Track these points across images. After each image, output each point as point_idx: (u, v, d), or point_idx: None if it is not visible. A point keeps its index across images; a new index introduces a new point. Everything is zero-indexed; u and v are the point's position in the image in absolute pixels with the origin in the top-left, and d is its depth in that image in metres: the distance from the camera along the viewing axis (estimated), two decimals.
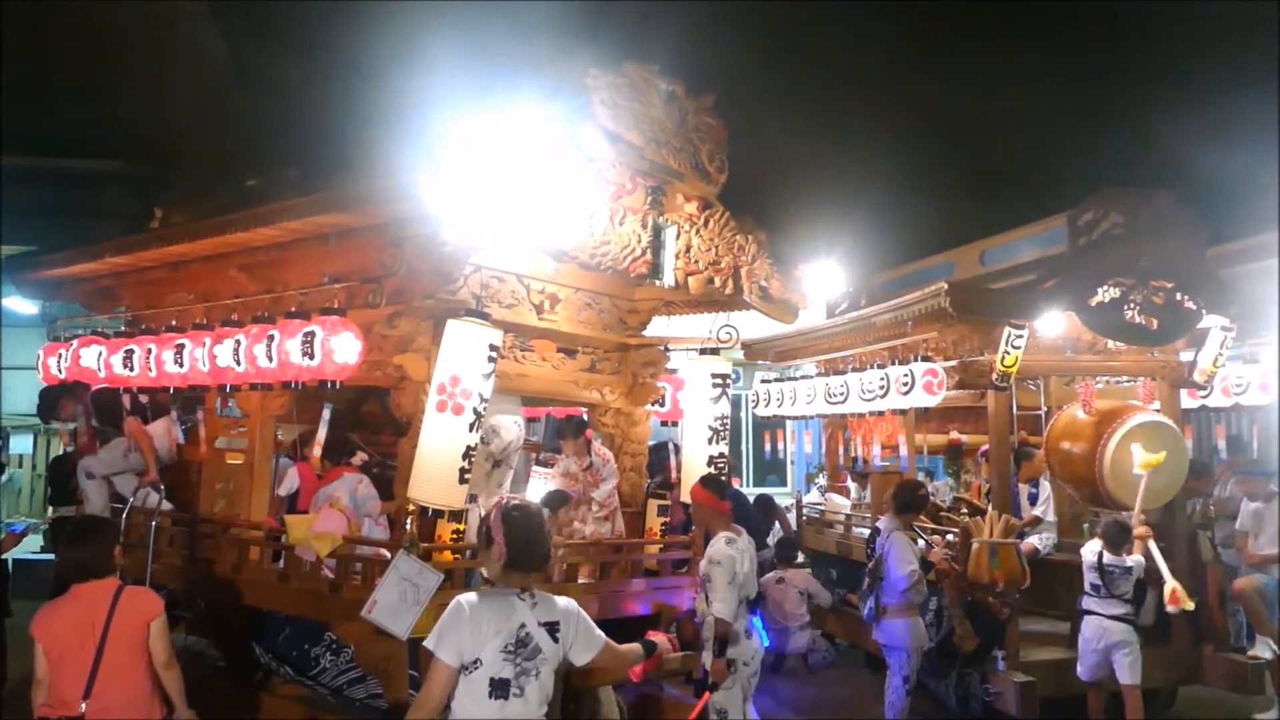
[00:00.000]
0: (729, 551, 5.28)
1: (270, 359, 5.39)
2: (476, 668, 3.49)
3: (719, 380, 6.18)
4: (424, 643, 3.54)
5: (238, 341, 5.60)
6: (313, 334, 5.17)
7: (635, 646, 4.00)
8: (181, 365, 6.09)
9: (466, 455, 4.89)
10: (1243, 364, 8.03)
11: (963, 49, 14.65)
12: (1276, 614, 7.44)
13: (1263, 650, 7.17)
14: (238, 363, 5.61)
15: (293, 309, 5.46)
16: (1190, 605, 6.37)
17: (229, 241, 5.99)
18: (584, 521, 6.37)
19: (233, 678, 6.20)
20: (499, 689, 3.50)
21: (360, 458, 6.28)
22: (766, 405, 9.57)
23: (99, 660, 4.09)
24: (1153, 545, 6.59)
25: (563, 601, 3.70)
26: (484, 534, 3.64)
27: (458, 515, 5.29)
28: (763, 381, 9.85)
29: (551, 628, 3.61)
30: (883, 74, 14.51)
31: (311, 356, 5.17)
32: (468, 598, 3.57)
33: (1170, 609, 6.38)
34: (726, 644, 5.28)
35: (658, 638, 4.15)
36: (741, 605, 5.33)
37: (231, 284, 6.38)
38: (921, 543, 6.86)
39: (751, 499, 10.42)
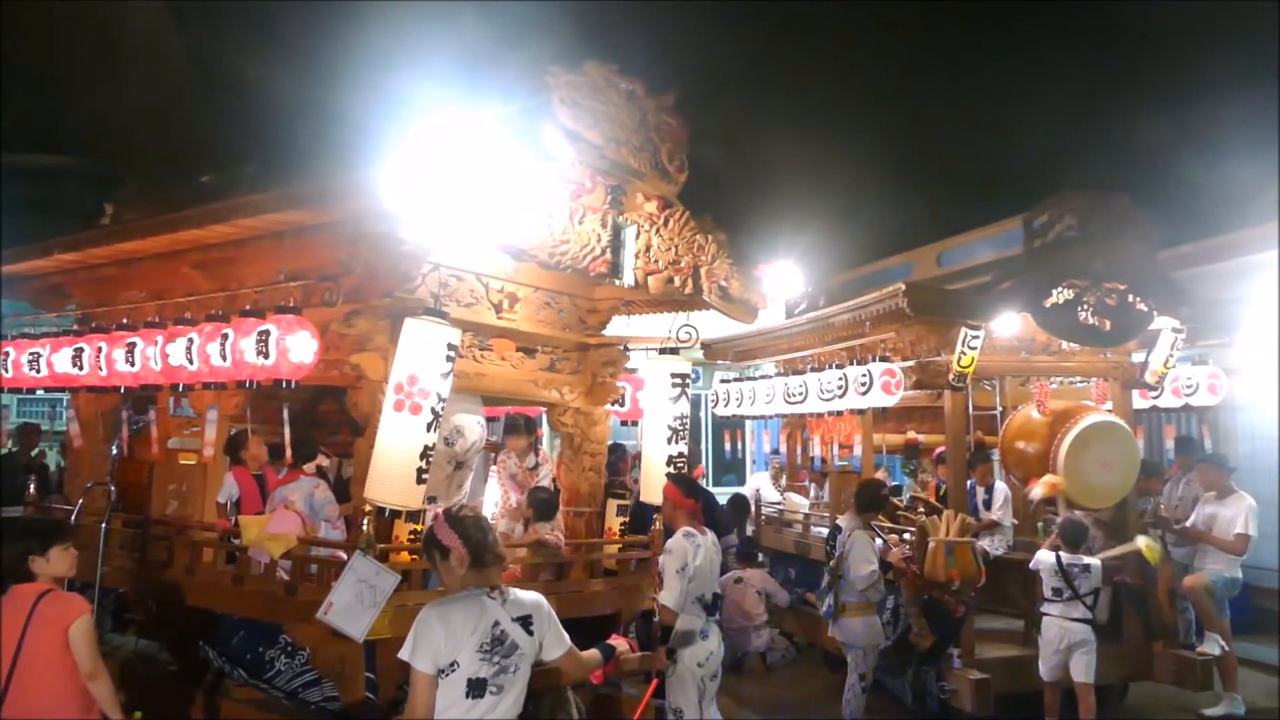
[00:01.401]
0: (683, 544, 5.32)
1: (224, 358, 5.32)
2: (453, 670, 3.50)
3: (678, 380, 6.18)
4: (400, 654, 3.55)
5: (190, 340, 5.52)
6: (268, 333, 5.11)
7: (594, 653, 4.02)
8: (133, 364, 5.99)
9: (424, 455, 4.84)
10: (1191, 365, 8.17)
11: (922, 52, 14.78)
12: (1225, 611, 7.59)
13: (1211, 647, 7.30)
14: (190, 362, 5.53)
15: (247, 307, 5.38)
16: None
17: (182, 238, 5.90)
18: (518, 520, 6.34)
19: (185, 681, 6.11)
20: (475, 689, 3.51)
21: (318, 462, 6.23)
22: (726, 405, 9.60)
23: (14, 664, 4.06)
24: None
25: (529, 595, 3.74)
26: (434, 546, 3.64)
27: (415, 516, 5.25)
28: (722, 381, 9.88)
29: (525, 622, 3.64)
30: (843, 76, 14.59)
31: (266, 355, 5.11)
32: (437, 605, 3.58)
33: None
34: (669, 632, 5.29)
35: (616, 641, 4.16)
36: (696, 604, 5.33)
37: (185, 282, 6.28)
38: (880, 542, 6.90)
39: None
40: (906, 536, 7.19)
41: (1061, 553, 6.60)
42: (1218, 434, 9.58)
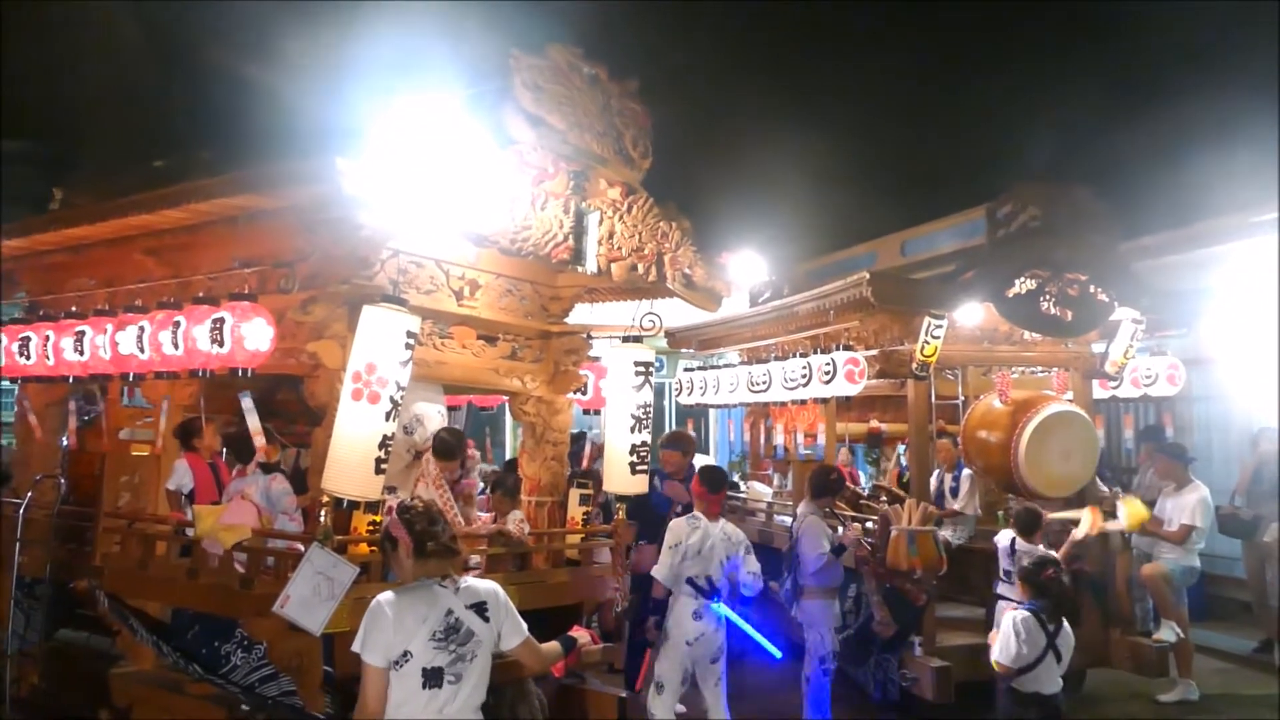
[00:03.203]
0: (681, 524, 5.91)
1: (176, 346, 5.20)
2: (406, 660, 3.47)
3: (642, 368, 6.13)
4: (352, 647, 3.51)
5: (141, 328, 5.40)
6: (222, 320, 5.00)
7: (555, 645, 3.98)
8: (81, 353, 5.84)
9: (383, 445, 4.76)
10: (1150, 356, 8.25)
11: (887, 42, 14.81)
12: (1182, 599, 7.68)
13: (1167, 634, 7.38)
14: (141, 350, 5.41)
15: (201, 294, 5.26)
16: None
17: (133, 224, 5.76)
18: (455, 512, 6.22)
19: (137, 677, 5.98)
20: (432, 679, 3.48)
21: (260, 459, 6.11)
22: (690, 394, 9.56)
23: None
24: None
25: (484, 584, 3.73)
26: (386, 542, 3.67)
27: (374, 507, 5.16)
28: (686, 370, 9.85)
29: (479, 609, 3.62)
30: (807, 65, 14.60)
31: (221, 344, 5.00)
32: (386, 595, 3.55)
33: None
34: (659, 605, 5.87)
35: (578, 632, 4.12)
36: (689, 585, 5.77)
37: (136, 269, 6.14)
38: (841, 529, 6.92)
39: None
40: (869, 524, 7.20)
41: (1017, 540, 6.66)
42: (1174, 424, 9.69)
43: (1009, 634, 5.13)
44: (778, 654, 6.34)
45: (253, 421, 5.91)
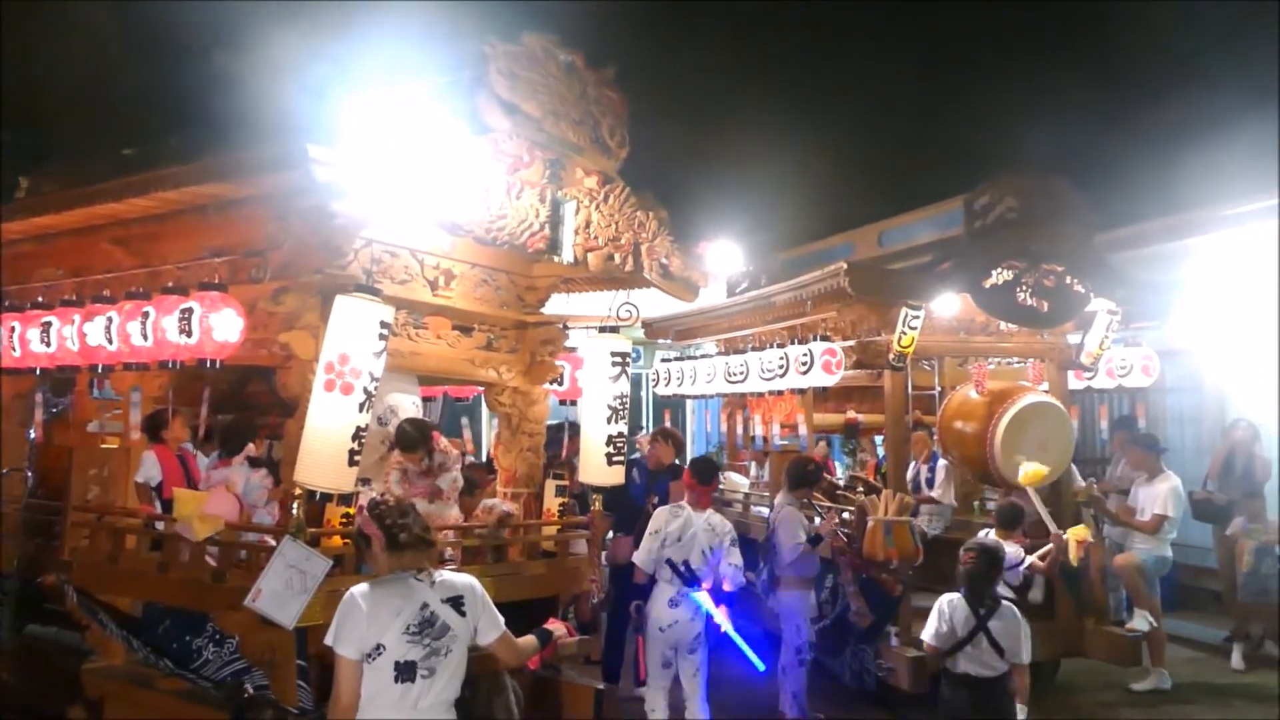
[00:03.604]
0: (663, 511, 6.16)
1: (145, 337, 5.12)
2: (379, 653, 3.44)
3: (619, 359, 6.09)
4: (325, 639, 3.49)
5: (110, 319, 5.32)
6: (191, 310, 4.92)
7: (531, 639, 3.96)
8: (49, 344, 5.74)
9: (356, 437, 4.70)
10: (1125, 347, 8.29)
11: (866, 33, 14.81)
12: (1154, 589, 7.73)
13: (1140, 624, 7.43)
14: (110, 341, 5.32)
15: (170, 284, 5.18)
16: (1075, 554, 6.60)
17: (100, 213, 5.66)
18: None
19: (107, 673, 5.91)
20: (405, 672, 3.46)
21: (249, 452, 6.05)
22: (667, 384, 9.54)
23: None
24: (1034, 495, 6.78)
25: (461, 578, 3.71)
26: (360, 541, 3.67)
27: (348, 499, 5.10)
28: (663, 360, 9.83)
29: (456, 603, 3.60)
30: (786, 56, 14.58)
31: (190, 334, 4.92)
32: (360, 587, 3.54)
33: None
34: (641, 590, 6.16)
35: (554, 625, 4.10)
36: (667, 566, 5.94)
37: (104, 258, 6.03)
38: (818, 519, 6.93)
39: None
40: (846, 516, 7.21)
41: (994, 534, 6.66)
42: (1148, 415, 9.75)
43: (933, 613, 5.21)
44: (761, 665, 6.37)
45: (203, 413, 5.86)
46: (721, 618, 5.98)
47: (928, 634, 5.21)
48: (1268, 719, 7.06)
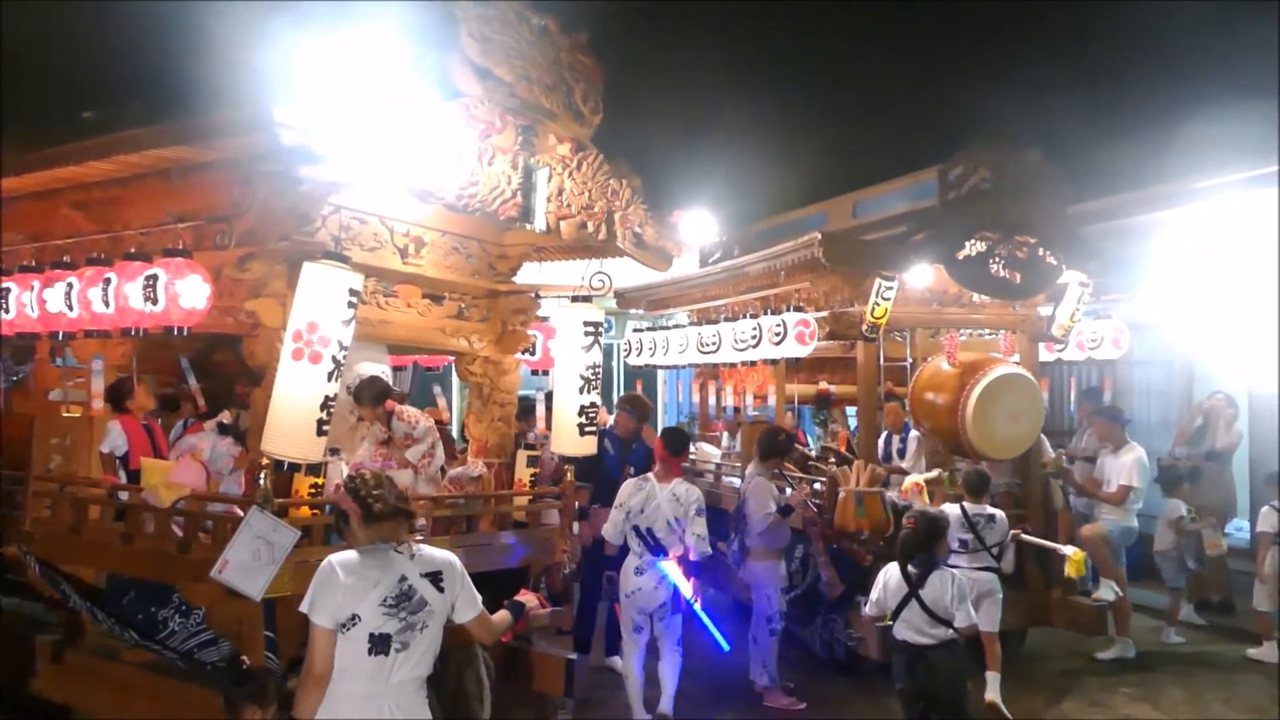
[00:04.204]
0: (629, 484, 6.24)
1: (107, 304, 5.01)
2: (354, 624, 3.41)
3: (591, 328, 6.04)
4: (300, 607, 3.45)
5: (70, 285, 5.20)
6: (155, 277, 4.81)
7: (504, 614, 3.94)
8: (7, 311, 5.61)
9: (325, 406, 4.62)
10: (1095, 320, 8.34)
11: (840, 2, 14.71)
12: (1120, 559, 7.82)
13: (1106, 593, 7.50)
14: (70, 308, 5.20)
15: (132, 250, 5.06)
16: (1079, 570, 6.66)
17: (59, 176, 5.52)
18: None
19: (72, 645, 5.84)
20: (379, 645, 3.42)
21: (222, 418, 5.97)
22: (639, 354, 9.50)
23: None
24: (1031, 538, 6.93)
25: (441, 553, 3.68)
26: (339, 519, 3.64)
27: (316, 469, 5.03)
28: (635, 331, 9.78)
29: (434, 578, 3.57)
30: (760, 25, 14.46)
31: (154, 301, 4.82)
32: (338, 556, 3.52)
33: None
34: (614, 561, 6.35)
35: (525, 596, 4.07)
36: (632, 538, 6.08)
37: (64, 223, 5.90)
38: (790, 490, 6.94)
39: None
40: (817, 486, 7.22)
41: (965, 503, 6.69)
42: (1116, 387, 9.83)
43: (875, 583, 5.36)
44: (725, 645, 6.45)
45: (191, 382, 5.76)
46: (686, 588, 6.01)
47: (867, 604, 5.38)
48: (1228, 686, 7.18)
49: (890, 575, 5.26)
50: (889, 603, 5.21)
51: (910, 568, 5.18)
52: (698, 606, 6.22)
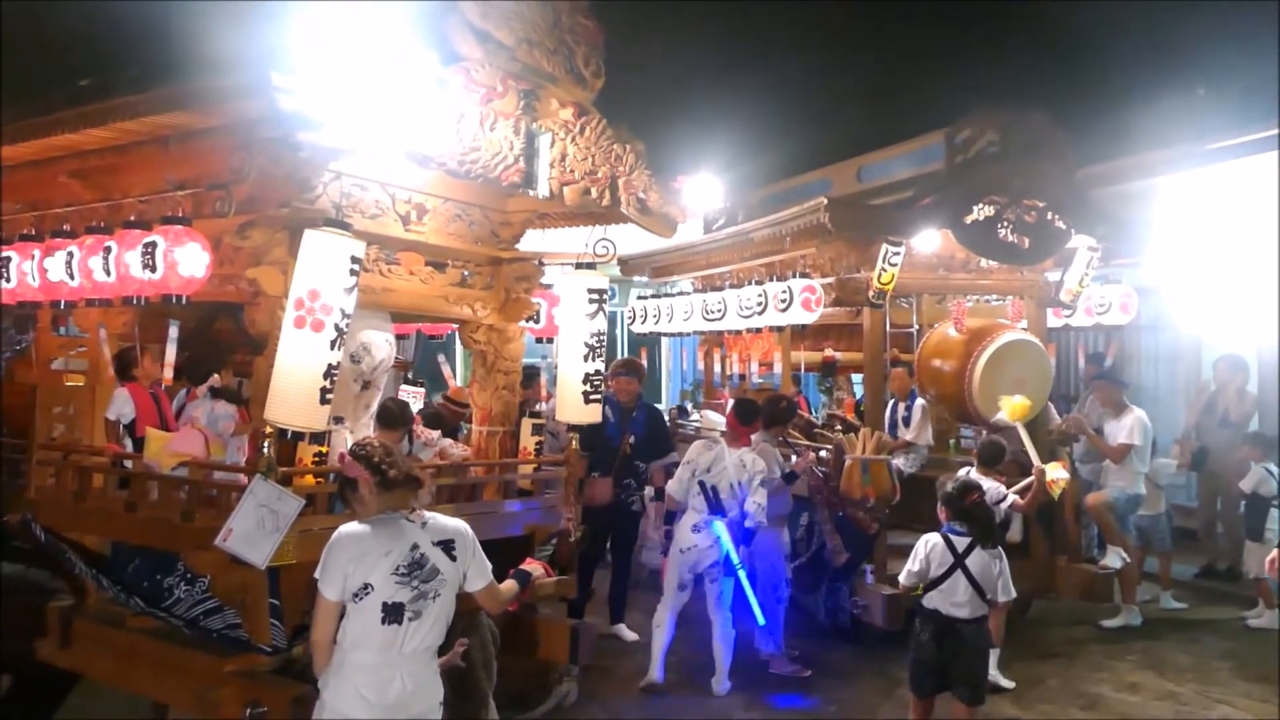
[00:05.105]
0: (698, 444, 6.55)
1: (108, 272, 4.97)
2: (367, 593, 3.41)
3: (595, 295, 5.99)
4: (314, 573, 3.47)
5: (70, 254, 5.15)
6: (154, 245, 4.76)
7: (511, 584, 3.95)
8: (8, 280, 5.58)
9: (328, 374, 4.59)
10: (1104, 285, 8.27)
11: None
12: (1126, 526, 7.81)
13: (1112, 560, 7.51)
14: (71, 277, 5.16)
15: (132, 218, 5.01)
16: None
17: (57, 144, 5.45)
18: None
19: (76, 610, 5.85)
20: (392, 614, 3.42)
21: (212, 382, 5.94)
22: (643, 322, 9.46)
23: None
24: (1023, 431, 6.75)
25: (452, 522, 3.67)
26: (345, 484, 3.60)
27: (320, 438, 5.01)
28: (639, 298, 9.73)
29: (447, 546, 3.56)
30: None
31: (154, 269, 4.77)
32: (349, 526, 3.52)
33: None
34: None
35: (531, 565, 4.07)
36: (695, 495, 6.30)
37: (63, 192, 5.83)
38: (794, 457, 6.92)
39: None
40: (823, 454, 7.20)
41: (973, 472, 6.64)
42: (1124, 353, 9.79)
43: (913, 553, 5.22)
44: (762, 620, 6.49)
45: (170, 353, 5.72)
46: (734, 555, 6.17)
47: (903, 574, 5.24)
48: (1233, 655, 7.18)
49: (934, 545, 5.15)
50: (932, 573, 5.10)
51: (956, 539, 5.11)
52: (743, 575, 6.27)
